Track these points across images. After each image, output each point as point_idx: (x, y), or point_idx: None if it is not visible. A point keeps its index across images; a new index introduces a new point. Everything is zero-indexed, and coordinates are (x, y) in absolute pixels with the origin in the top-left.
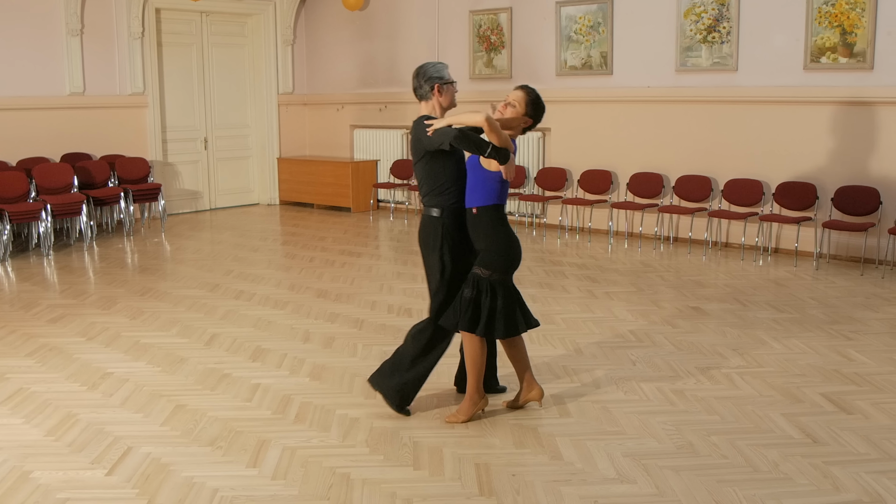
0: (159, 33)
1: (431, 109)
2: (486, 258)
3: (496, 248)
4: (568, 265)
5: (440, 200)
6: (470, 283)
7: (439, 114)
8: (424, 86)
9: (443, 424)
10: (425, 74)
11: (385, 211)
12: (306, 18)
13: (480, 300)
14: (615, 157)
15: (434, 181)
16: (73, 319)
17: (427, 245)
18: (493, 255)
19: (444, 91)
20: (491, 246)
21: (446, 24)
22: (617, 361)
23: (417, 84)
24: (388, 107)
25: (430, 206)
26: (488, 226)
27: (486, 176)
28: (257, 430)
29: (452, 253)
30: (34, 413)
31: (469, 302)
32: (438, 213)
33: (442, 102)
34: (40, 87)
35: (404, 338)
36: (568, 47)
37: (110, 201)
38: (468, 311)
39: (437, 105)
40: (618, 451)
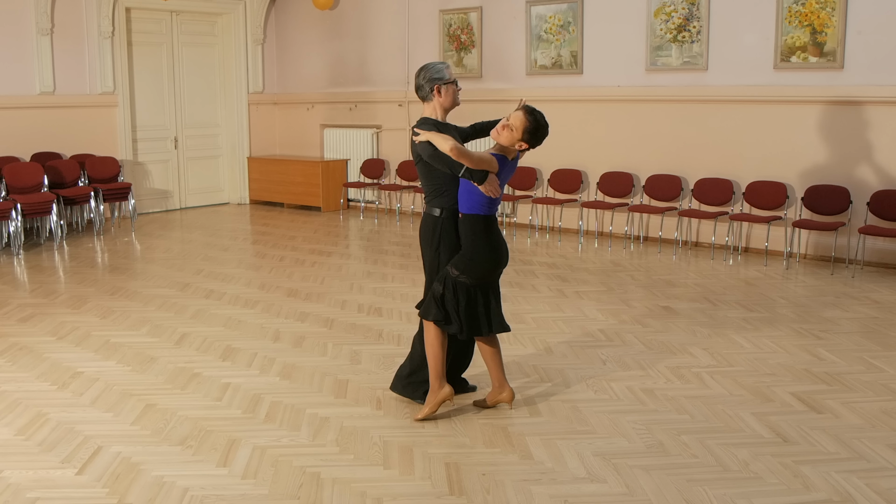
0: (129, 32)
1: (433, 110)
2: (458, 259)
3: (470, 255)
4: (538, 264)
5: (441, 201)
6: (440, 279)
7: (440, 115)
8: (426, 87)
9: (413, 424)
10: (426, 75)
11: (355, 210)
12: (276, 18)
13: (445, 296)
14: (585, 156)
15: (433, 182)
16: (43, 319)
17: (426, 242)
18: (465, 259)
19: (444, 91)
20: (466, 251)
21: (416, 23)
22: (587, 360)
23: (418, 84)
24: (357, 106)
25: (432, 207)
26: (469, 233)
27: (471, 187)
28: (227, 429)
29: (450, 252)
30: (4, 412)
31: (437, 296)
32: (439, 212)
33: (443, 103)
34: (10, 87)
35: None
36: (538, 46)
37: (80, 200)
38: (432, 303)
39: (438, 106)
40: (588, 450)
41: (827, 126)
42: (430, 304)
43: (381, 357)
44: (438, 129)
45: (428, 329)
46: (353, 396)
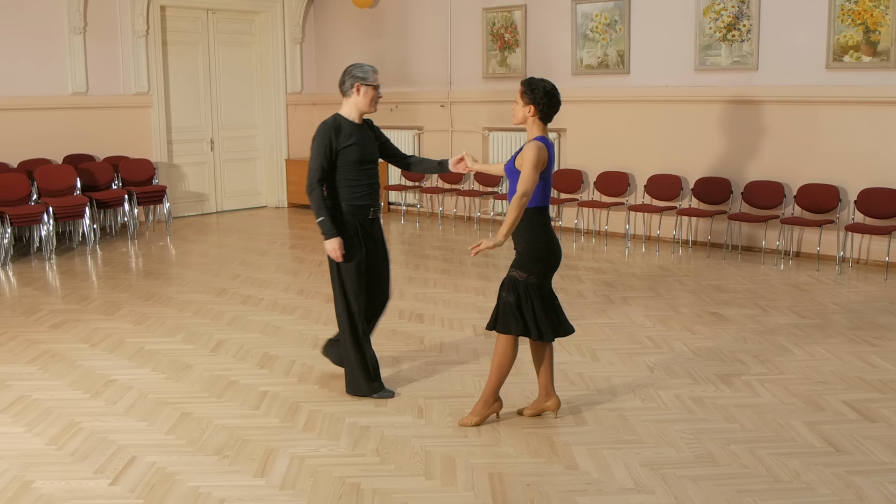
0: (164, 31)
1: (349, 108)
2: (520, 260)
3: (532, 250)
4: (584, 269)
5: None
6: (509, 287)
7: (355, 115)
8: (347, 82)
9: (455, 432)
10: (350, 73)
11: (396, 214)
12: (315, 16)
13: (521, 304)
14: (632, 158)
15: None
16: (75, 325)
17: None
18: (528, 257)
19: (362, 92)
20: (527, 248)
21: (459, 21)
22: (634, 368)
23: (342, 80)
24: (398, 107)
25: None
26: (528, 228)
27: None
28: (265, 438)
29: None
30: (36, 421)
31: (511, 306)
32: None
33: (359, 103)
34: (42, 87)
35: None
36: (584, 46)
37: (114, 204)
38: (510, 316)
39: (355, 105)
40: (635, 460)
41: (881, 127)
42: (508, 316)
43: (423, 364)
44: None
45: (504, 343)
46: (394, 405)
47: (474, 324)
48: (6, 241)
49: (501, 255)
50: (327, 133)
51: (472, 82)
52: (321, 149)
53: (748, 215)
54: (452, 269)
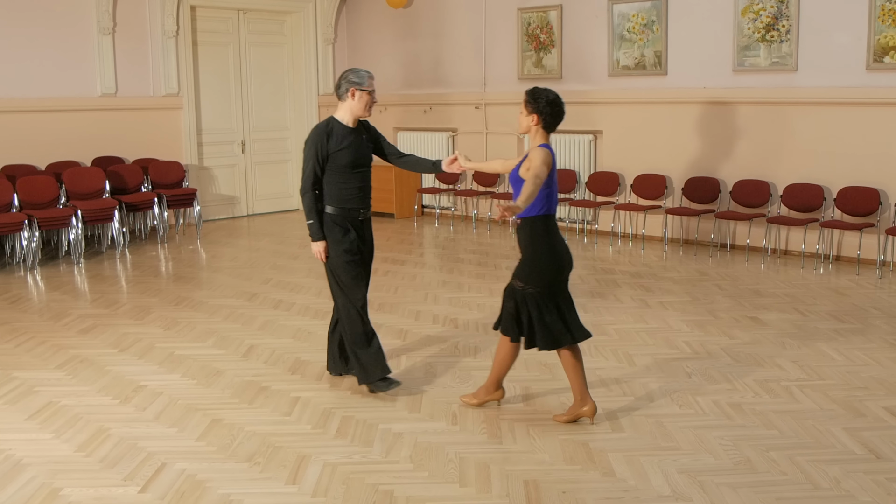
0: (194, 32)
1: (344, 112)
2: (520, 270)
3: (530, 261)
4: (620, 273)
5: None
6: (508, 294)
7: (350, 119)
8: (342, 86)
9: (490, 439)
10: (346, 77)
11: (430, 217)
12: (348, 16)
13: (519, 312)
14: (669, 160)
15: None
16: (104, 330)
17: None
18: (526, 268)
19: (357, 97)
20: (526, 257)
21: (494, 22)
22: (671, 374)
23: (338, 84)
24: (432, 108)
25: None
26: (528, 237)
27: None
28: (297, 445)
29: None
30: (64, 427)
31: (510, 314)
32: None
33: (353, 108)
34: (70, 88)
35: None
36: (620, 46)
37: (143, 207)
38: (510, 322)
39: (349, 109)
40: (672, 467)
41: None
42: (508, 322)
43: (458, 370)
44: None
45: (505, 343)
46: (428, 411)
47: None
48: (34, 245)
49: None
50: (319, 137)
51: (507, 83)
52: (312, 152)
53: (787, 219)
54: (487, 273)
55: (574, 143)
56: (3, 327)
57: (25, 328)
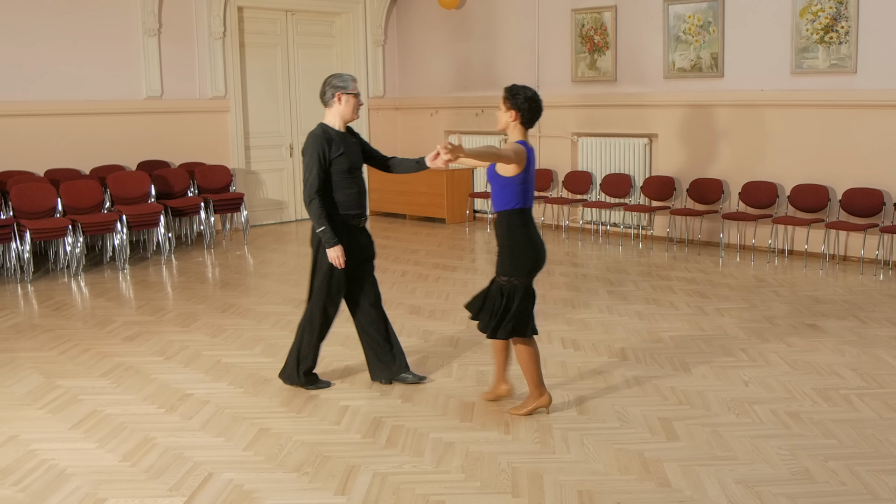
0: (242, 33)
1: (332, 117)
2: (501, 263)
3: (510, 254)
4: (676, 280)
5: None
6: (496, 292)
7: (338, 123)
8: (328, 92)
9: (543, 448)
10: (330, 82)
11: (482, 222)
12: (398, 17)
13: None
14: (726, 164)
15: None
16: (150, 337)
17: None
18: (506, 261)
19: (344, 101)
20: (504, 251)
21: (547, 23)
22: (728, 382)
23: (322, 91)
24: (484, 111)
25: None
26: (506, 230)
27: (503, 182)
28: (346, 454)
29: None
30: (108, 437)
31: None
32: None
33: (342, 112)
34: (115, 91)
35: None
36: (676, 48)
37: (190, 212)
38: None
39: (338, 114)
40: (729, 477)
41: None
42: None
43: (510, 378)
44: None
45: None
46: (480, 420)
47: (563, 336)
48: (78, 251)
49: (591, 266)
50: (320, 143)
51: (560, 86)
52: (315, 159)
53: (846, 223)
54: (539, 280)
55: (629, 146)
56: (47, 335)
57: (69, 336)
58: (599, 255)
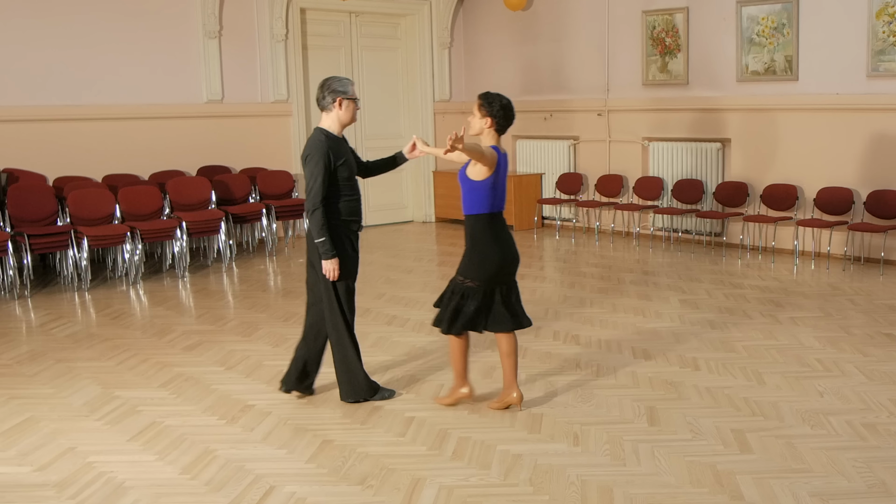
0: (304, 35)
1: (332, 122)
2: (462, 265)
3: (470, 255)
4: (749, 288)
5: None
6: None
7: (337, 128)
8: (328, 97)
9: (613, 461)
10: (329, 87)
11: (550, 229)
12: (464, 19)
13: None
14: (801, 170)
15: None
16: (210, 347)
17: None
18: (466, 262)
19: (344, 106)
20: (468, 252)
21: (617, 25)
22: (802, 392)
23: (321, 95)
24: (553, 115)
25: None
26: (471, 233)
27: (472, 186)
28: (411, 467)
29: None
30: (168, 449)
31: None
32: None
33: (341, 117)
34: (175, 95)
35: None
36: (749, 50)
37: (251, 218)
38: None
39: (337, 119)
40: (804, 490)
41: None
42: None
43: (579, 388)
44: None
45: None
46: (549, 431)
47: (633, 346)
48: (137, 258)
49: (662, 274)
50: (325, 150)
51: (630, 89)
52: (321, 167)
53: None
54: (610, 288)
55: (701, 151)
56: (105, 344)
57: (128, 345)
58: (671, 262)
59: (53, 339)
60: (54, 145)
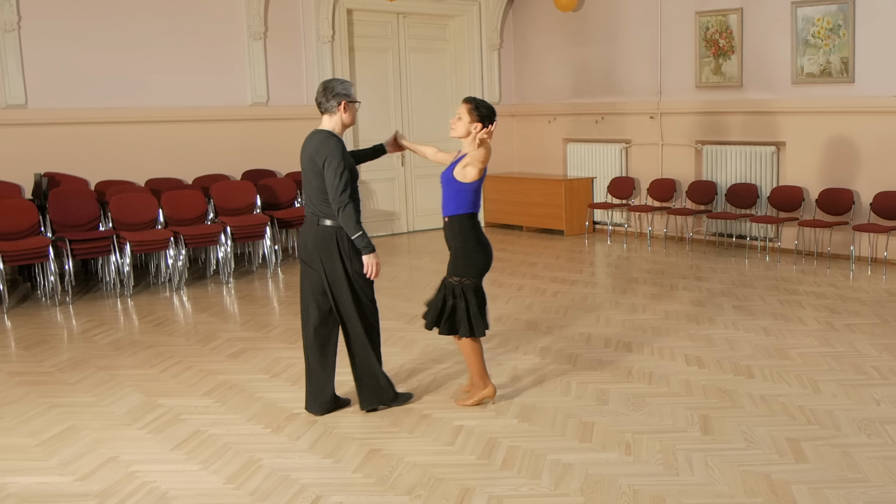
0: (351, 37)
1: (334, 125)
2: (454, 266)
3: (462, 254)
4: (804, 294)
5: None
6: (448, 292)
7: (339, 131)
8: (331, 101)
9: (666, 470)
10: (332, 90)
11: (602, 234)
12: (514, 20)
13: (457, 305)
14: (857, 174)
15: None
16: (255, 354)
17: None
18: (459, 263)
19: (348, 109)
20: (458, 252)
21: (669, 26)
22: (859, 401)
23: (324, 98)
24: (604, 118)
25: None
26: (458, 233)
27: (459, 188)
28: (460, 476)
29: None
30: (212, 458)
31: (452, 309)
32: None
33: (345, 120)
34: (219, 97)
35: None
36: (805, 52)
37: (297, 223)
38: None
39: (339, 122)
40: (860, 500)
41: None
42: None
43: (631, 396)
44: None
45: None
46: (600, 440)
47: (686, 353)
48: (181, 264)
49: (716, 280)
50: (344, 149)
51: (684, 92)
52: (344, 165)
53: None
54: (663, 294)
55: (755, 155)
56: (148, 351)
57: (171, 352)
58: (724, 268)
59: (95, 346)
60: (96, 149)
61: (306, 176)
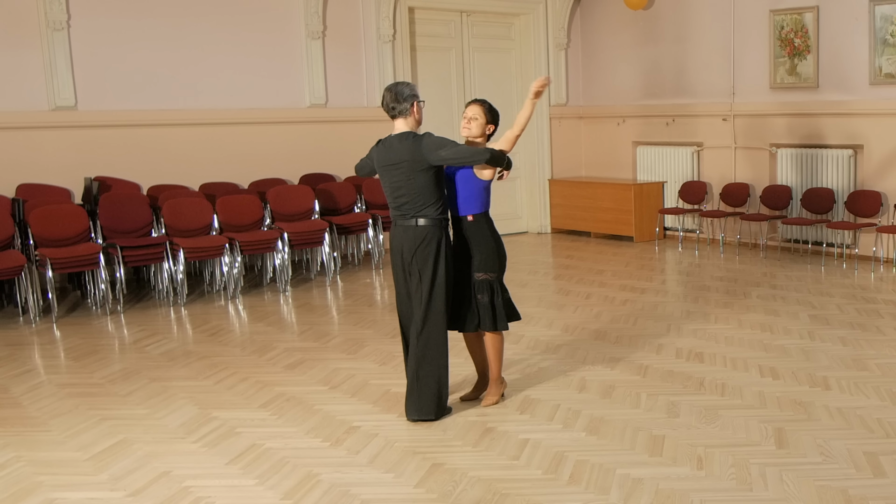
0: (413, 36)
1: (412, 126)
2: (482, 261)
3: (490, 251)
4: (883, 303)
5: (431, 211)
6: (481, 289)
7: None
8: (404, 104)
9: (739, 486)
10: (402, 94)
11: (673, 240)
12: (582, 19)
13: (494, 301)
14: None
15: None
16: (313, 365)
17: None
18: (487, 259)
19: (418, 108)
20: (486, 248)
21: (743, 25)
22: None
23: (396, 103)
24: (675, 120)
25: (422, 217)
26: (485, 231)
27: (480, 186)
28: (526, 492)
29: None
30: (269, 472)
31: (488, 306)
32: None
33: (418, 120)
34: (276, 99)
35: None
36: (883, 52)
37: (356, 229)
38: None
39: (414, 122)
40: None
41: None
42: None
43: (703, 409)
44: None
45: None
46: (671, 454)
47: (760, 364)
48: (236, 272)
49: (791, 288)
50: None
51: (757, 93)
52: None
53: None
54: (735, 303)
55: (831, 158)
56: (203, 362)
57: (226, 363)
58: (799, 275)
59: (147, 356)
60: (148, 152)
61: (400, 178)
